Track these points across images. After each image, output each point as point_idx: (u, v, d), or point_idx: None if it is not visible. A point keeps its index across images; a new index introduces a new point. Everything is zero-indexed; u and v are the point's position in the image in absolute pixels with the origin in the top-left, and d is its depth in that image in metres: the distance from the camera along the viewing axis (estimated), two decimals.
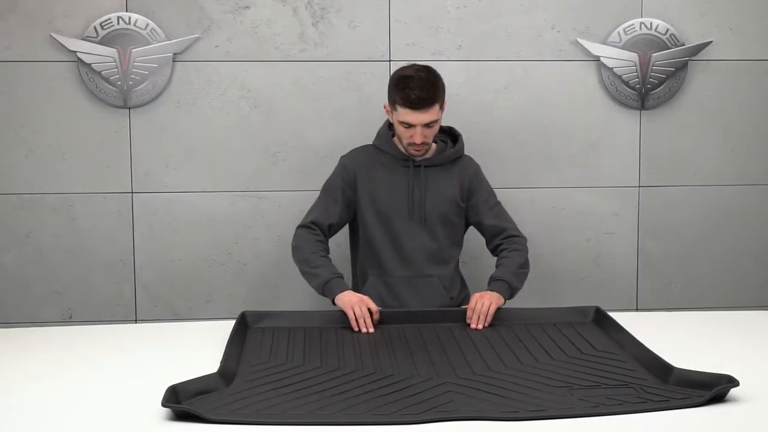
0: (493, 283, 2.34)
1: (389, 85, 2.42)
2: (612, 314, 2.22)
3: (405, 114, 2.35)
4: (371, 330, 2.15)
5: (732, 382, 1.63)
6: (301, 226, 2.48)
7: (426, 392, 1.68)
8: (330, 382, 1.75)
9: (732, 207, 3.03)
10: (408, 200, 2.47)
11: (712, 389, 1.61)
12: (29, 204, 2.87)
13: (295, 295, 2.94)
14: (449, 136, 2.61)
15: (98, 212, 2.89)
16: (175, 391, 1.61)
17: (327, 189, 2.54)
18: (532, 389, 1.70)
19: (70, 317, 2.91)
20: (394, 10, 2.88)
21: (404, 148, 2.45)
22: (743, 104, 2.99)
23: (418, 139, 2.37)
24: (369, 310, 2.18)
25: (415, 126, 2.36)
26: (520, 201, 2.98)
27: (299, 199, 2.90)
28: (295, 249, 2.46)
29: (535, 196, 2.99)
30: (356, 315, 2.16)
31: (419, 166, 2.48)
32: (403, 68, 2.44)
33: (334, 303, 2.28)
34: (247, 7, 2.84)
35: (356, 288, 2.56)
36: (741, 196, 3.03)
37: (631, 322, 2.16)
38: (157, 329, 2.45)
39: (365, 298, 2.23)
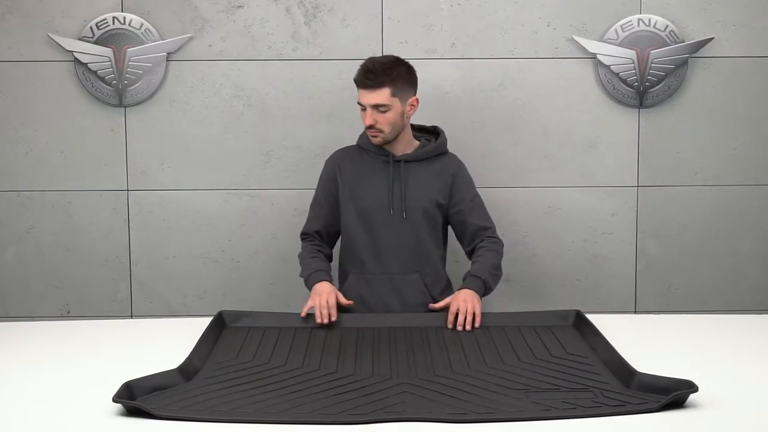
0: (470, 279, 2.31)
1: None
2: (608, 316, 2.18)
3: (359, 95, 2.42)
4: (325, 321, 2.18)
5: (691, 387, 1.59)
6: (301, 237, 2.58)
7: (381, 392, 1.67)
8: (289, 381, 1.75)
9: (734, 208, 2.95)
10: (388, 195, 2.45)
11: (669, 394, 1.58)
12: (29, 201, 2.93)
13: (289, 293, 2.94)
14: (434, 135, 2.59)
15: (95, 209, 2.93)
16: (129, 387, 1.63)
17: (315, 194, 2.60)
18: (489, 391, 1.68)
19: (68, 312, 2.97)
20: (386, 8, 2.87)
21: (369, 137, 2.46)
22: (747, 102, 2.91)
23: (367, 121, 2.38)
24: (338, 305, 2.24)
25: (366, 107, 2.38)
26: (515, 201, 2.94)
27: (292, 197, 2.92)
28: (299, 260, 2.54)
29: (531, 195, 2.95)
30: (319, 305, 2.18)
31: (399, 161, 2.47)
32: None
33: None
34: (240, 7, 2.86)
35: (339, 287, 2.56)
36: (743, 196, 2.94)
37: (627, 323, 2.13)
38: (151, 325, 2.48)
39: (333, 291, 2.27)
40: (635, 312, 2.98)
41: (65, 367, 1.89)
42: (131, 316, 2.97)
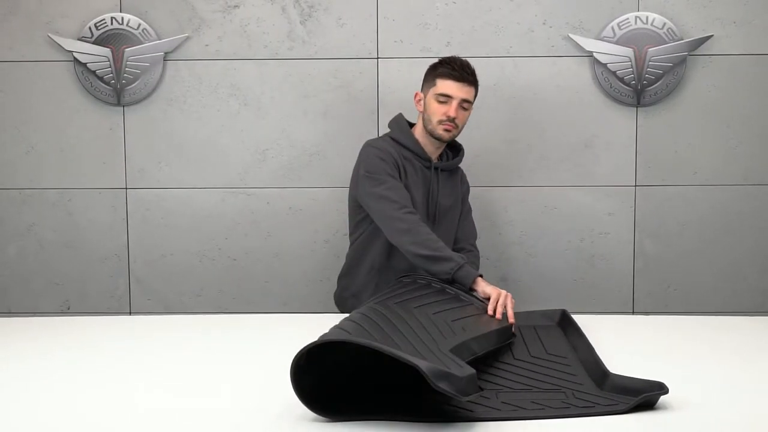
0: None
1: (428, 70, 2.43)
2: (599, 317, 2.17)
3: (446, 86, 2.37)
4: (498, 316, 2.03)
5: (662, 389, 1.57)
6: (399, 210, 2.30)
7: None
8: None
9: (734, 208, 2.91)
10: (427, 199, 2.47)
11: (639, 396, 1.56)
12: (30, 198, 2.97)
13: (284, 291, 2.97)
14: (448, 147, 2.57)
15: (94, 207, 2.97)
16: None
17: (381, 172, 2.37)
18: None
19: (68, 308, 3.01)
20: (381, 7, 2.87)
21: (432, 130, 2.40)
22: (746, 100, 2.87)
23: (452, 112, 2.36)
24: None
25: (453, 99, 2.36)
26: (511, 200, 2.93)
27: (287, 196, 2.93)
28: (406, 232, 2.27)
29: (527, 195, 2.93)
30: (498, 302, 2.06)
31: (436, 168, 2.47)
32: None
33: (471, 289, 2.15)
34: (236, 6, 2.88)
35: (356, 279, 2.50)
36: (743, 196, 2.90)
37: (618, 324, 2.11)
38: (149, 322, 2.51)
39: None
40: (633, 313, 2.95)
41: (65, 363, 1.91)
42: (130, 313, 3.00)
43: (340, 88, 2.90)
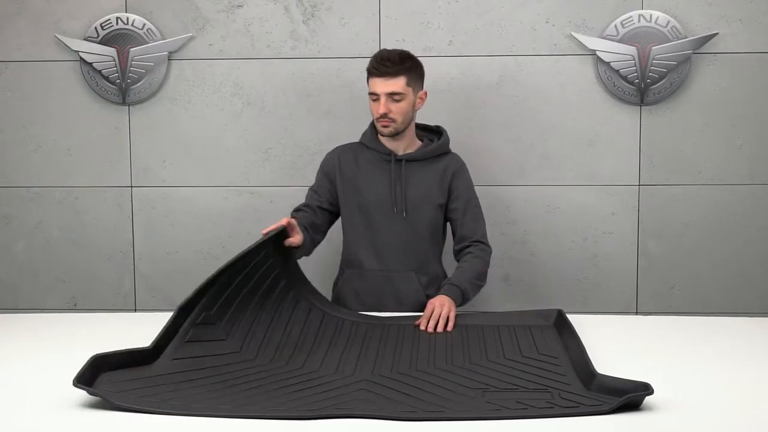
0: (448, 287, 2.29)
1: None
2: (598, 317, 2.18)
3: (372, 84, 2.39)
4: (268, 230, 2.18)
5: (647, 390, 1.56)
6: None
7: (338, 389, 1.67)
8: (251, 375, 1.76)
9: (738, 207, 2.88)
10: (390, 193, 2.45)
11: (623, 396, 1.55)
12: (37, 196, 3.02)
13: None
14: (436, 135, 2.59)
15: (100, 205, 3.01)
16: (95, 365, 1.67)
17: (313, 184, 2.56)
18: (446, 390, 1.67)
19: (75, 305, 3.05)
20: (384, 7, 2.88)
21: (378, 128, 2.44)
22: (752, 99, 2.84)
23: (380, 109, 2.37)
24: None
25: (380, 96, 2.37)
26: (514, 199, 2.92)
27: (291, 194, 2.95)
28: None
29: (530, 194, 2.92)
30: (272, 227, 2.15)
31: (401, 160, 2.47)
32: None
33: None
34: (240, 6, 2.90)
35: (338, 282, 2.59)
36: (748, 196, 2.87)
37: (617, 324, 2.13)
38: (154, 319, 2.53)
39: (288, 219, 2.25)
40: (636, 313, 2.93)
41: (71, 359, 1.93)
42: (135, 310, 3.03)
43: (342, 87, 2.91)
